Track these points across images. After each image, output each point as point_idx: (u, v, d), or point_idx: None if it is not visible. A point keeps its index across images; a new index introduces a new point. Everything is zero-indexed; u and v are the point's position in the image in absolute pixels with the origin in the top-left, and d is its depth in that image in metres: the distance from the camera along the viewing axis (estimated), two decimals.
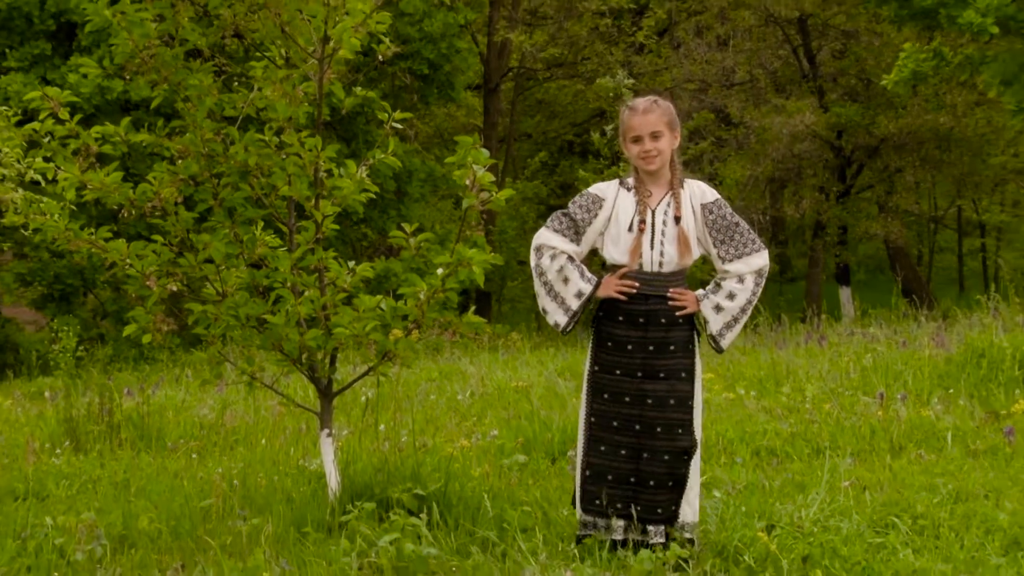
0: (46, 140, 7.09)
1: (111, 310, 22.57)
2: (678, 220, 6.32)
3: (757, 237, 6.39)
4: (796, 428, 9.29)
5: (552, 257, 6.47)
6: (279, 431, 10.29)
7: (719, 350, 6.46)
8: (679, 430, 6.31)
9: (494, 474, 8.05)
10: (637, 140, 6.33)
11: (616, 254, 6.39)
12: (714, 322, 6.34)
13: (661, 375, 6.32)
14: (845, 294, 33.74)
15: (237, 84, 7.45)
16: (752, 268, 6.33)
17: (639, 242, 6.32)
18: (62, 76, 21.07)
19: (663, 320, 6.32)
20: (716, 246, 6.35)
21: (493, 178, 6.76)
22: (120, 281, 7.40)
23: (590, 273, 6.45)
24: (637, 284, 6.32)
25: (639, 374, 6.34)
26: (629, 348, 6.36)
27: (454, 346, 17.69)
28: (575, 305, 6.45)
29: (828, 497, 7.14)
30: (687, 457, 6.32)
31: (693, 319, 6.39)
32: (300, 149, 7.00)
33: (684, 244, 6.30)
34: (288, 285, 7.09)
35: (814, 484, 7.53)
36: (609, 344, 6.42)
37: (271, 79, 7.04)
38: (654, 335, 6.34)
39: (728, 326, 6.36)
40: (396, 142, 7.33)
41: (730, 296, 6.32)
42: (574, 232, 6.45)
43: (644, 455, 6.33)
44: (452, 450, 8.46)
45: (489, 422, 10.24)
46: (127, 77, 7.19)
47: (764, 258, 6.37)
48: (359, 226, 24.37)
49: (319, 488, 7.46)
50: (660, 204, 6.36)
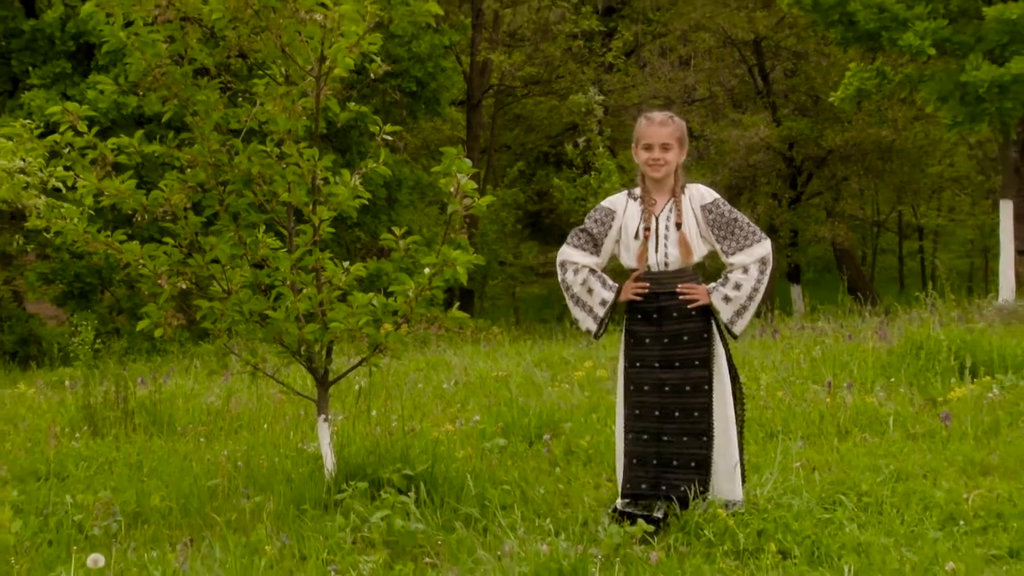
0: (66, 151, 7.08)
1: (126, 306, 22.52)
2: (679, 226, 6.38)
3: (757, 228, 6.43)
4: (752, 414, 9.28)
5: (575, 272, 6.60)
6: (280, 417, 10.27)
7: (734, 337, 6.51)
8: (696, 413, 6.40)
9: (476, 456, 8.04)
10: (648, 148, 6.42)
11: (628, 259, 6.52)
12: (724, 312, 6.40)
13: (676, 364, 6.42)
14: (796, 291, 33.79)
15: (241, 99, 7.43)
16: (755, 257, 6.36)
17: (645, 247, 6.43)
18: (81, 92, 20.98)
19: (674, 314, 6.43)
20: (719, 242, 6.41)
21: (475, 186, 6.81)
22: (134, 280, 7.38)
23: (612, 281, 6.57)
24: (648, 285, 6.43)
25: (656, 364, 6.45)
26: (647, 342, 6.48)
27: (440, 339, 17.66)
28: (601, 312, 6.58)
29: (781, 477, 7.15)
30: (707, 439, 6.38)
31: (708, 311, 6.43)
32: (299, 159, 7.00)
33: (685, 246, 6.38)
34: (288, 283, 7.09)
35: (768, 465, 7.54)
36: (632, 341, 6.54)
37: (272, 95, 7.03)
38: (667, 328, 6.44)
39: (738, 314, 6.40)
40: (387, 153, 7.32)
41: (736, 286, 6.36)
42: (592, 245, 6.58)
43: (664, 438, 6.42)
44: (438, 434, 8.45)
45: (472, 408, 10.22)
46: (140, 93, 7.18)
47: (766, 247, 6.39)
48: (353, 230, 24.31)
49: (316, 469, 7.45)
50: (663, 211, 6.46)
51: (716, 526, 6.14)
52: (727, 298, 6.36)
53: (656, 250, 6.39)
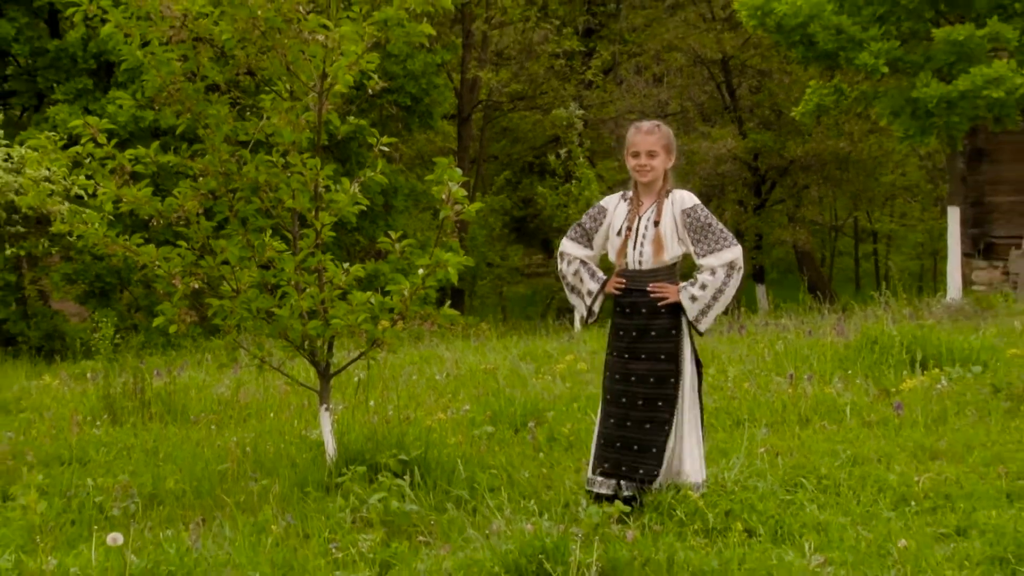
0: (88, 161, 7.08)
1: (143, 304, 22.46)
2: (657, 224, 6.38)
3: (730, 235, 6.41)
4: (720, 403, 9.29)
5: (568, 263, 6.69)
6: (285, 406, 10.25)
7: (699, 333, 6.49)
8: (659, 403, 6.38)
9: (466, 442, 8.03)
10: (636, 155, 6.44)
11: (612, 255, 6.56)
12: (690, 310, 6.37)
13: (643, 356, 6.42)
14: (761, 291, 33.82)
15: (249, 113, 7.43)
16: (722, 261, 6.33)
17: (625, 244, 6.45)
18: (101, 107, 20.92)
19: (643, 310, 6.43)
20: (693, 244, 6.40)
21: (465, 193, 6.84)
22: (150, 280, 7.39)
23: (601, 274, 6.63)
24: (624, 280, 6.45)
25: (626, 355, 6.47)
26: (620, 334, 6.51)
27: (432, 335, 17.62)
28: (589, 301, 6.63)
29: (747, 461, 7.15)
30: (668, 428, 6.36)
31: (678, 309, 6.41)
32: (302, 168, 7.00)
33: (658, 244, 6.38)
34: (292, 283, 7.08)
35: (735, 450, 7.54)
36: (611, 332, 6.59)
37: (278, 109, 7.02)
38: (636, 322, 6.45)
39: (703, 312, 6.38)
40: (383, 163, 7.31)
41: (702, 286, 6.34)
42: (586, 239, 6.64)
43: (628, 423, 6.41)
44: (431, 422, 8.45)
45: (462, 398, 10.22)
46: (156, 107, 7.19)
47: (734, 252, 6.35)
48: (352, 233, 24.27)
49: (319, 454, 7.44)
50: (647, 212, 6.46)
51: (687, 507, 6.15)
52: (693, 297, 6.35)
53: (633, 248, 6.41)
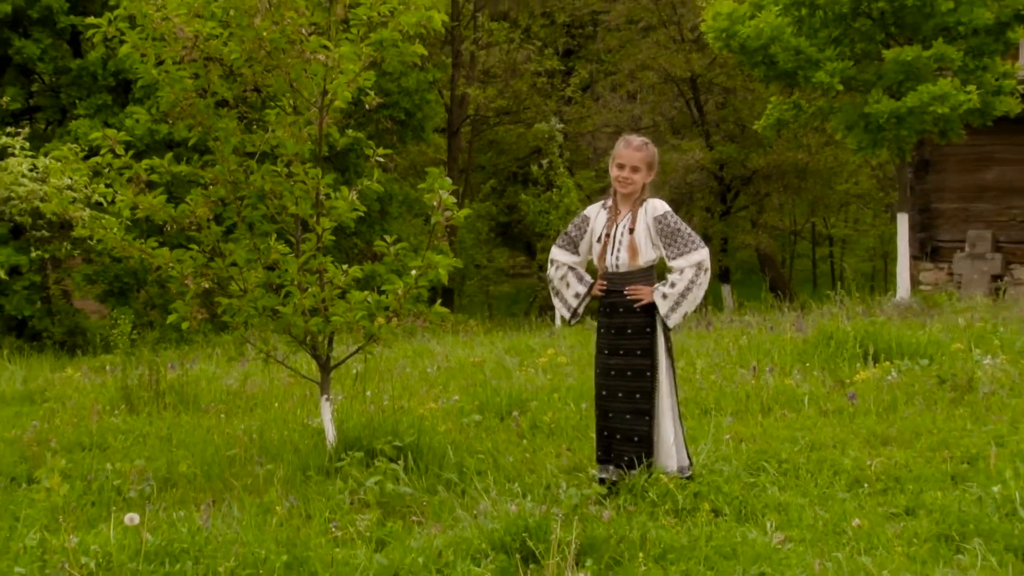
0: (107, 171, 7.09)
1: (158, 303, 22.38)
2: (631, 231, 6.38)
3: (698, 238, 6.40)
4: (689, 393, 9.29)
5: (557, 268, 6.69)
6: (288, 396, 10.24)
7: (669, 328, 6.47)
8: (638, 395, 6.40)
9: (456, 430, 8.03)
10: (621, 167, 6.44)
11: (594, 260, 6.57)
12: (661, 307, 6.37)
13: (621, 352, 6.45)
14: (726, 290, 33.82)
15: (256, 127, 7.41)
16: (691, 262, 6.33)
17: (604, 250, 6.47)
18: (120, 121, 20.83)
19: (621, 309, 6.45)
20: (664, 248, 6.40)
21: (455, 200, 6.87)
22: (164, 280, 7.39)
23: (588, 277, 6.64)
24: (605, 282, 6.47)
25: (606, 351, 6.50)
26: (602, 332, 6.56)
27: (424, 331, 17.63)
28: (574, 303, 6.66)
29: (713, 447, 7.17)
30: (649, 418, 6.37)
31: (653, 309, 6.41)
32: (305, 178, 7.00)
33: (633, 250, 6.39)
34: (295, 283, 7.07)
35: (703, 437, 7.55)
36: (597, 330, 6.61)
37: (282, 123, 7.02)
38: (615, 321, 6.48)
39: (672, 308, 6.37)
40: (379, 172, 7.30)
41: (672, 285, 6.34)
42: (572, 246, 6.66)
43: (610, 415, 6.46)
44: (423, 411, 8.43)
45: (452, 389, 10.21)
46: (170, 121, 7.19)
47: (701, 254, 6.34)
48: (351, 237, 24.23)
49: (320, 441, 7.43)
50: (623, 220, 6.46)
51: (659, 489, 6.15)
52: (664, 295, 6.35)
53: (611, 253, 6.42)
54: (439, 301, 7.37)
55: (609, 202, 6.57)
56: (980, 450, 6.92)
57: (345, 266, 7.31)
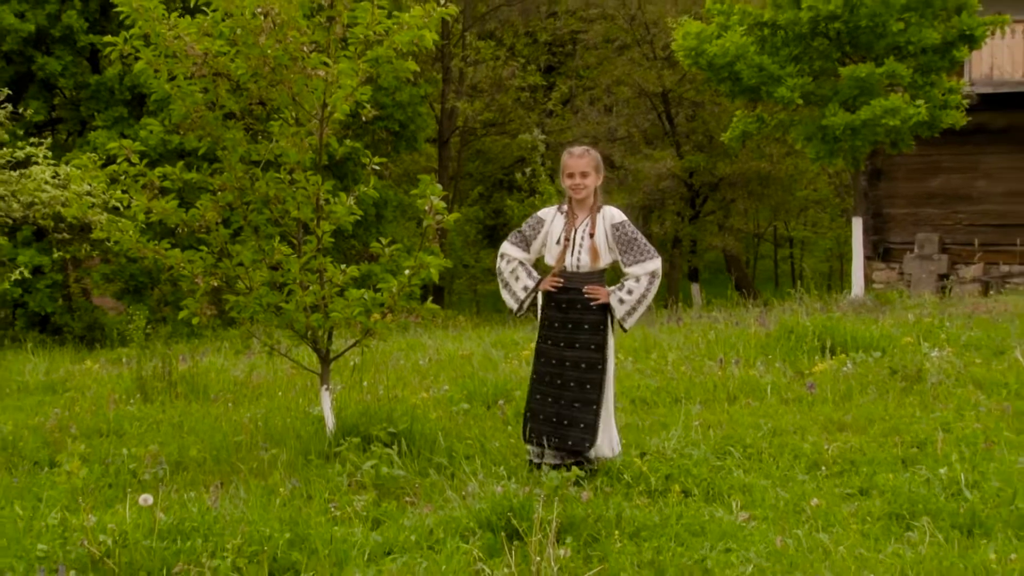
0: (123, 178, 7.08)
1: (170, 300, 22.28)
2: (592, 236, 6.37)
3: (652, 248, 6.41)
4: (661, 383, 9.30)
5: (508, 262, 6.60)
6: (291, 387, 10.22)
7: (624, 330, 6.48)
8: (587, 386, 6.36)
9: (445, 417, 8.02)
10: (571, 176, 6.40)
11: (549, 259, 6.50)
12: (618, 309, 6.36)
13: (576, 346, 6.40)
14: (695, 289, 33.90)
15: (261, 137, 7.40)
16: (646, 271, 6.34)
17: (564, 251, 6.41)
18: (135, 132, 20.70)
19: (578, 307, 6.41)
20: (621, 255, 6.38)
21: (445, 205, 6.87)
22: (176, 279, 7.38)
23: (536, 273, 6.57)
24: (562, 280, 6.42)
25: (561, 344, 6.43)
26: (556, 326, 6.47)
27: (417, 326, 17.61)
28: (522, 295, 6.56)
29: (683, 433, 7.17)
30: (596, 407, 6.34)
31: (606, 308, 6.40)
32: (306, 184, 6.99)
33: (594, 253, 6.37)
34: (297, 282, 7.06)
35: (673, 423, 7.55)
36: (545, 323, 6.52)
37: (285, 134, 7.00)
38: (572, 317, 6.42)
39: (629, 313, 6.37)
40: (375, 179, 7.30)
41: (629, 291, 6.33)
42: (525, 244, 6.58)
43: (560, 402, 6.40)
44: (416, 400, 8.43)
45: (442, 380, 10.19)
46: (182, 132, 7.17)
47: (656, 263, 6.36)
48: (349, 240, 24.14)
49: (320, 428, 7.41)
50: (582, 224, 6.43)
51: (633, 471, 6.16)
52: (622, 300, 6.34)
53: (572, 254, 6.39)
54: (430, 298, 7.37)
55: (564, 207, 6.55)
56: (928, 435, 6.94)
57: (343, 266, 7.30)
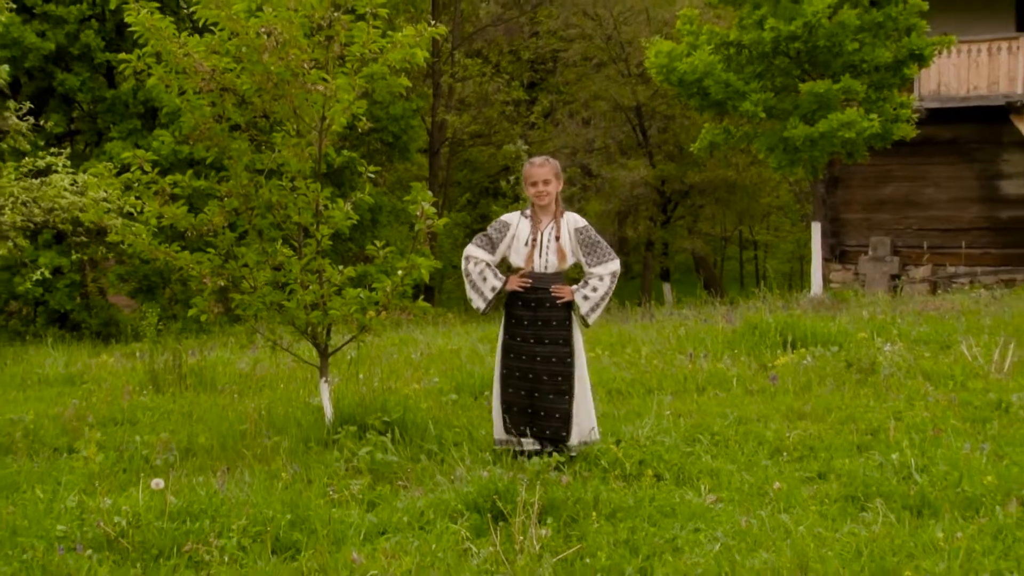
0: (136, 185, 7.07)
1: (180, 298, 22.17)
2: (558, 239, 6.36)
3: (612, 250, 6.44)
4: (635, 375, 9.31)
5: (475, 264, 6.54)
6: (292, 379, 10.20)
7: (587, 325, 6.48)
8: (559, 378, 6.34)
9: (436, 407, 8.01)
10: (534, 184, 6.39)
11: (517, 260, 6.46)
12: (583, 306, 6.36)
13: (546, 341, 6.37)
14: (667, 288, 33.96)
15: (264, 148, 7.38)
16: (608, 271, 6.37)
17: (532, 253, 6.39)
18: (148, 143, 20.57)
19: (547, 304, 6.38)
20: (584, 256, 6.38)
21: (435, 211, 6.87)
22: (186, 279, 7.37)
23: (501, 274, 6.51)
24: (530, 280, 6.39)
25: (531, 340, 6.39)
26: (525, 323, 6.42)
27: (409, 323, 17.59)
28: (490, 296, 6.50)
29: (656, 422, 7.17)
30: (568, 397, 6.33)
31: (570, 305, 6.39)
32: (306, 191, 6.99)
33: (561, 255, 6.37)
34: (298, 282, 7.05)
35: (647, 413, 7.55)
36: (513, 320, 6.48)
37: (287, 144, 6.99)
38: (541, 314, 6.39)
39: (592, 309, 6.38)
40: (370, 187, 7.30)
41: (593, 289, 6.34)
42: (491, 246, 6.53)
43: (535, 395, 6.37)
44: (408, 391, 8.43)
45: (433, 372, 10.19)
46: (191, 143, 7.16)
47: (616, 264, 6.40)
48: (346, 243, 24.08)
49: (319, 417, 7.40)
50: (547, 228, 6.42)
51: (609, 457, 6.16)
52: (586, 297, 6.35)
53: (540, 255, 6.38)
54: (422, 297, 7.38)
55: (528, 212, 6.53)
56: (881, 424, 6.96)
57: (341, 267, 7.29)
